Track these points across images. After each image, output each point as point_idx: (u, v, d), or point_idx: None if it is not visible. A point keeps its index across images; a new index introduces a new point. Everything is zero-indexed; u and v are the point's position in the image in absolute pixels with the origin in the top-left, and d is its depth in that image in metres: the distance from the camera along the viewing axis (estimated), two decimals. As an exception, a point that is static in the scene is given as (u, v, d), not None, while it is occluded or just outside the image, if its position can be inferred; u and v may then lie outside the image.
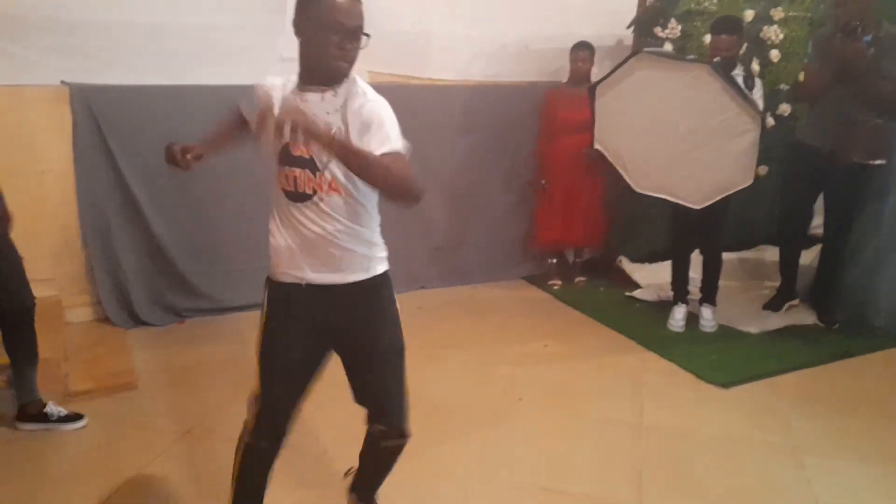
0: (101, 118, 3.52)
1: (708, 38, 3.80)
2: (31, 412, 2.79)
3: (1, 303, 2.63)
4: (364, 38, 1.77)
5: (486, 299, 4.43)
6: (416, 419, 2.91)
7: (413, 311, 4.21)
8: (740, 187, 3.40)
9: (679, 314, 3.91)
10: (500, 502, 2.46)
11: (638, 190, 3.70)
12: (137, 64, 3.56)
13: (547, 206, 4.51)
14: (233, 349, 3.49)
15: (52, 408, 2.81)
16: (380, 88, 4.90)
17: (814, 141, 3.71)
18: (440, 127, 4.34)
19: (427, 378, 3.34)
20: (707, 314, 3.90)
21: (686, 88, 3.42)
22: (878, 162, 3.62)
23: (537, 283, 4.66)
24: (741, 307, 4.14)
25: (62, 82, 3.49)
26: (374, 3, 4.03)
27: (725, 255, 4.03)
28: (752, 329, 3.90)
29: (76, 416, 2.83)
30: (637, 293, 4.40)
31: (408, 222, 4.41)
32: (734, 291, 4.34)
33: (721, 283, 3.94)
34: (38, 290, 2.80)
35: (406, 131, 5.14)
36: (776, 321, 3.98)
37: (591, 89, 3.70)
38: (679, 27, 4.26)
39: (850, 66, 3.42)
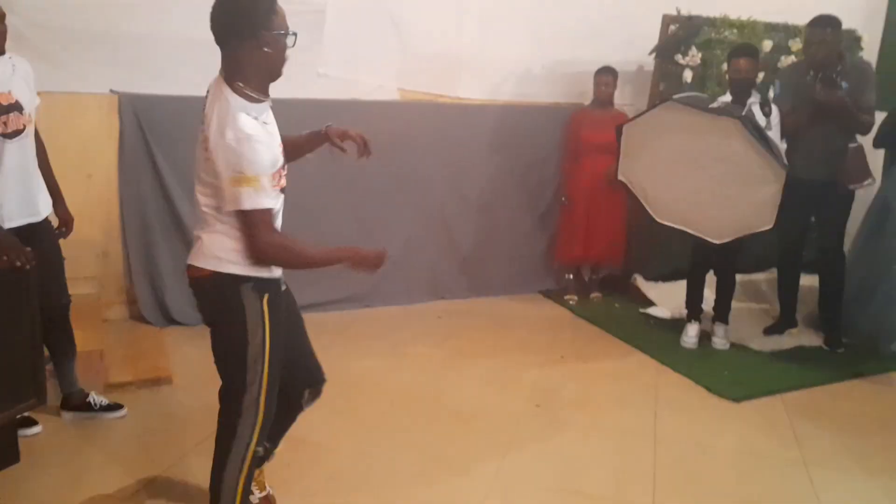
0: (146, 126, 3.72)
1: (725, 67, 3.96)
2: (75, 402, 2.94)
3: (41, 299, 2.78)
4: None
5: (504, 311, 4.56)
6: (438, 424, 3.08)
7: (434, 320, 4.36)
8: (761, 230, 3.49)
9: (692, 331, 4.03)
10: (518, 502, 2.57)
11: (658, 220, 3.76)
12: (182, 76, 3.72)
13: (569, 223, 4.66)
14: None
15: (95, 397, 2.96)
16: (410, 106, 5.09)
17: (803, 173, 3.69)
18: (468, 144, 4.52)
19: (449, 384, 3.48)
20: (720, 332, 4.02)
21: (713, 135, 3.49)
22: (867, 182, 3.80)
23: (554, 298, 4.80)
24: (752, 327, 4.25)
25: (111, 91, 3.69)
26: (407, 23, 4.29)
27: (739, 277, 4.15)
28: (764, 348, 4.01)
29: (117, 406, 2.98)
30: (651, 310, 4.52)
31: (433, 235, 4.58)
32: (746, 312, 4.45)
33: (733, 303, 4.06)
34: (79, 288, 2.97)
35: (435, 148, 5.33)
36: (786, 341, 4.09)
37: (618, 130, 3.76)
38: (699, 55, 4.42)
39: (831, 112, 3.63)
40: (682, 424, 3.19)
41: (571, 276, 4.84)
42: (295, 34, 1.90)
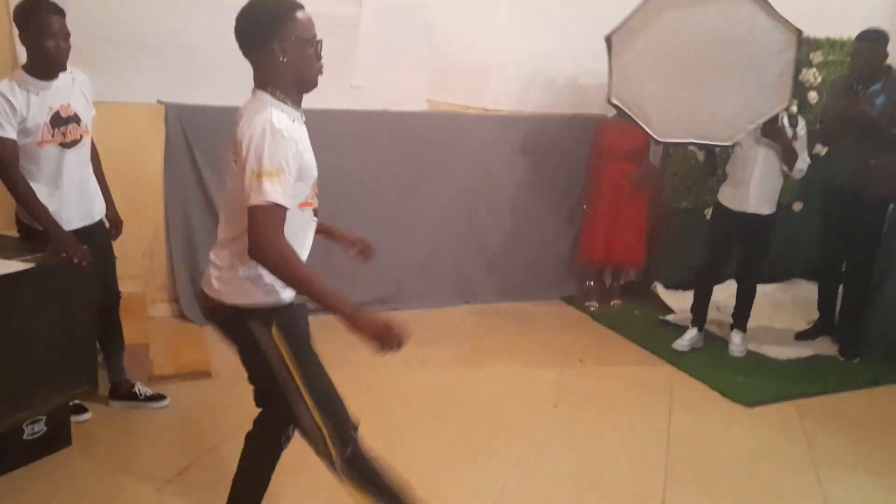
0: (190, 134, 3.95)
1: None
2: (122, 391, 3.16)
3: (95, 294, 2.99)
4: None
5: (526, 315, 4.71)
6: (460, 417, 3.24)
7: (459, 322, 4.52)
8: (775, 112, 3.39)
9: (688, 335, 4.12)
10: (536, 492, 2.72)
11: (662, 140, 3.59)
12: (225, 87, 3.92)
13: (591, 225, 4.81)
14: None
15: (140, 388, 3.18)
16: (438, 116, 5.23)
17: (839, 182, 3.92)
18: (494, 153, 4.69)
19: (471, 382, 3.64)
20: (737, 339, 4.11)
21: (716, 20, 3.34)
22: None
23: (575, 304, 4.92)
24: (769, 335, 4.34)
25: (158, 101, 3.93)
26: (434, 35, 4.46)
27: (758, 287, 4.24)
28: (779, 356, 4.09)
29: (160, 397, 3.20)
30: (670, 317, 4.62)
31: (460, 241, 4.74)
32: (763, 320, 4.52)
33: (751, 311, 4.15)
34: (126, 286, 3.19)
35: (462, 157, 5.45)
36: (802, 350, 4.17)
37: (607, 41, 3.53)
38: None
39: (858, 123, 3.71)
40: (695, 425, 3.30)
41: (592, 283, 4.96)
42: (319, 41, 1.84)
